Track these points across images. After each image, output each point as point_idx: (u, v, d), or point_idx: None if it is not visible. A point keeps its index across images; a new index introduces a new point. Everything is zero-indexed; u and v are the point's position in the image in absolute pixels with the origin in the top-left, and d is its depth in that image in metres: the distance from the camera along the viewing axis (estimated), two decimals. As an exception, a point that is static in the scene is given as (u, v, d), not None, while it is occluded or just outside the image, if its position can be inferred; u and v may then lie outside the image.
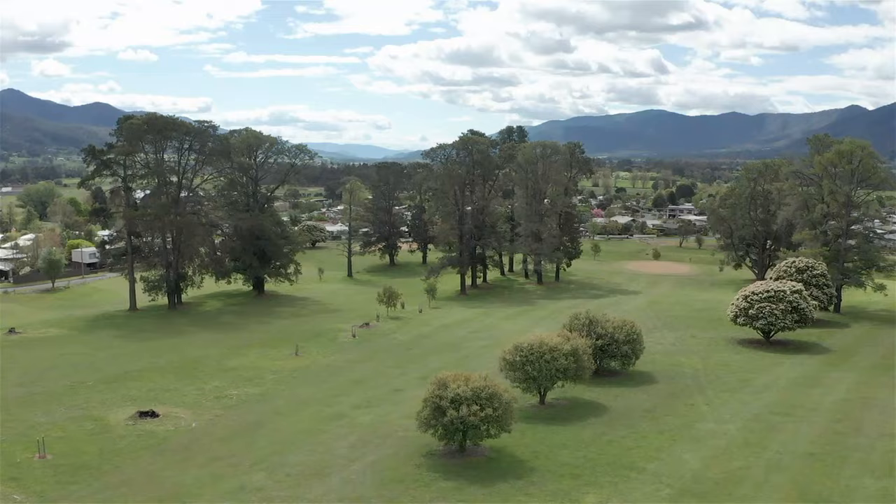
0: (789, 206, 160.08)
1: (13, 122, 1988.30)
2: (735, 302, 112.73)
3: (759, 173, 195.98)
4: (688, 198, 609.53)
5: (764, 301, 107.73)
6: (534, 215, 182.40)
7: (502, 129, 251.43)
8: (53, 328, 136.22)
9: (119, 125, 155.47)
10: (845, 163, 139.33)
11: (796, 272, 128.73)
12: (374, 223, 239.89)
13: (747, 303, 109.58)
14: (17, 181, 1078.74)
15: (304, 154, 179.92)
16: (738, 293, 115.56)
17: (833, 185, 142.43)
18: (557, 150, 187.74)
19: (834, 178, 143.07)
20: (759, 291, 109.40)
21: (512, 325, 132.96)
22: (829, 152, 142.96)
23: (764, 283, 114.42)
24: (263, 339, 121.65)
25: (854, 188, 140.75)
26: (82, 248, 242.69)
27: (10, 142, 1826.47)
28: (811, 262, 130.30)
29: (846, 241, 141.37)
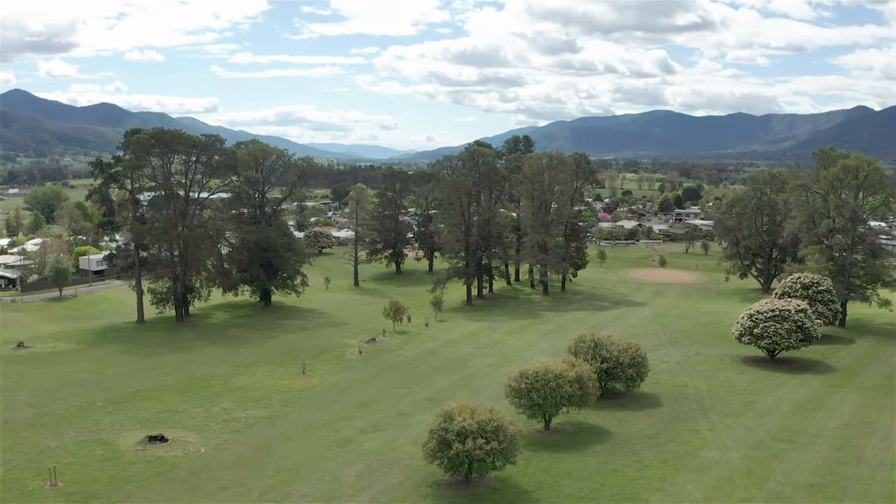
0: (795, 220, 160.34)
1: (20, 123, 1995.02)
2: (740, 321, 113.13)
3: (765, 183, 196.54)
4: (694, 201, 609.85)
5: (769, 320, 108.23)
6: (540, 226, 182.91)
7: (508, 139, 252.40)
8: (62, 342, 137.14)
9: (126, 139, 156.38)
10: (851, 178, 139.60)
11: (802, 288, 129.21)
12: (380, 231, 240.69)
13: (752, 322, 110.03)
14: (24, 182, 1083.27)
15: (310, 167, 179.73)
16: (743, 312, 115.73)
17: (839, 200, 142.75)
18: (563, 161, 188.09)
19: (839, 193, 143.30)
20: (763, 311, 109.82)
21: (518, 340, 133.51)
22: (836, 167, 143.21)
23: (769, 301, 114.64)
24: (270, 356, 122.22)
25: (860, 203, 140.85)
26: (90, 256, 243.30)
27: (16, 142, 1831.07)
28: (816, 278, 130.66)
29: (851, 256, 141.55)
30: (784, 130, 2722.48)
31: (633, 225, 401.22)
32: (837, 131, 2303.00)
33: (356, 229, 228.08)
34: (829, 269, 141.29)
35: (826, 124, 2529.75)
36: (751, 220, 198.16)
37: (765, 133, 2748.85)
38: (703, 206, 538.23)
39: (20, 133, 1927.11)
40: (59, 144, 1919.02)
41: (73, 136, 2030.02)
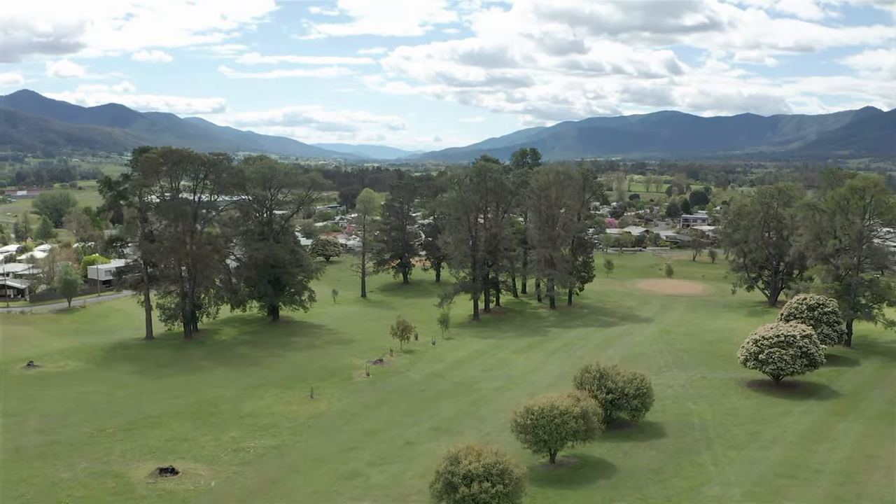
0: (802, 238, 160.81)
1: (28, 123, 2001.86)
2: (745, 345, 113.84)
3: (772, 197, 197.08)
4: (701, 205, 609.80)
5: (774, 346, 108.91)
6: (547, 241, 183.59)
7: (515, 153, 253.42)
8: (71, 360, 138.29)
9: (135, 157, 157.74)
10: (858, 199, 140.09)
11: (807, 309, 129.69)
12: (387, 242, 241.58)
13: (757, 347, 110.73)
14: (32, 183, 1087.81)
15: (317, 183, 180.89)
16: (748, 336, 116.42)
17: (845, 220, 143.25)
18: (570, 176, 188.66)
19: (846, 213, 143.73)
20: (769, 336, 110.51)
21: (524, 360, 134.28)
22: (843, 187, 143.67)
23: (774, 326, 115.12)
24: (278, 378, 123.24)
25: (866, 224, 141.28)
26: (98, 265, 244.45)
27: (24, 143, 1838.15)
28: (822, 300, 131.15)
29: (858, 276, 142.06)
30: (792, 131, 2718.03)
31: (641, 231, 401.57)
32: (845, 132, 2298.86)
33: (363, 239, 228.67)
34: (834, 289, 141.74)
35: (834, 125, 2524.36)
36: (757, 234, 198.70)
37: (773, 134, 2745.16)
38: (710, 211, 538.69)
39: (28, 133, 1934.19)
40: (68, 145, 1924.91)
41: (82, 137, 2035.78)
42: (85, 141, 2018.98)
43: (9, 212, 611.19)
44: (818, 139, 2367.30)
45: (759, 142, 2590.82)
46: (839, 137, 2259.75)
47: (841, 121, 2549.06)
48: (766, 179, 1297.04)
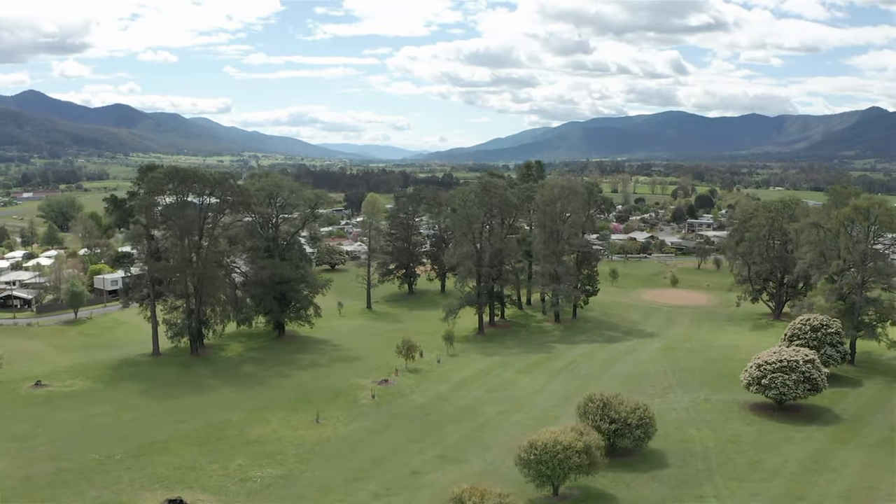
0: (806, 256, 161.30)
1: (34, 124, 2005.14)
2: (748, 369, 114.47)
3: (777, 212, 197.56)
4: (707, 208, 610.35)
5: (777, 371, 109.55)
6: (551, 255, 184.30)
7: (521, 165, 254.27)
8: (79, 378, 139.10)
9: (141, 175, 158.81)
10: (862, 219, 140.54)
11: (811, 330, 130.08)
12: (392, 252, 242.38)
13: (760, 371, 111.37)
14: (39, 185, 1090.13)
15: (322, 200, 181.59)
16: (751, 359, 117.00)
17: (849, 240, 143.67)
18: (575, 191, 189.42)
19: (850, 233, 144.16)
20: (772, 361, 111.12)
21: (529, 381, 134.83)
22: (847, 207, 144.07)
23: (777, 351, 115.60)
24: (285, 400, 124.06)
25: (870, 245, 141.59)
26: (104, 276, 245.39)
27: (30, 143, 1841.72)
28: (826, 321, 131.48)
29: (861, 296, 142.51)
30: (798, 131, 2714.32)
31: (646, 237, 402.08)
32: (851, 132, 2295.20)
33: (369, 251, 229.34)
34: (838, 309, 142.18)
35: (840, 125, 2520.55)
36: (762, 247, 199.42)
37: (778, 134, 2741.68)
38: (715, 215, 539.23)
39: (34, 134, 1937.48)
40: (73, 145, 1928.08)
41: (87, 137, 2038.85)
42: (91, 141, 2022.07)
43: (15, 215, 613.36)
44: (824, 139, 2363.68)
45: (765, 142, 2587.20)
46: (845, 138, 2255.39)
47: (846, 121, 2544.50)
48: (772, 181, 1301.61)
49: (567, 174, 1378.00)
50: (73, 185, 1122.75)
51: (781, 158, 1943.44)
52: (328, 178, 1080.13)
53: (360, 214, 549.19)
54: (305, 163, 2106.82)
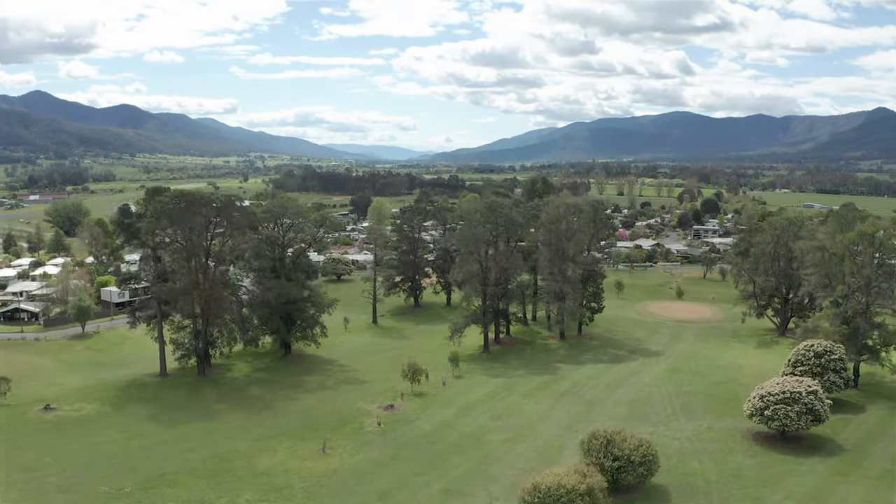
0: (811, 278, 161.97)
1: (40, 125, 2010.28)
2: (751, 400, 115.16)
3: (782, 229, 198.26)
4: (713, 213, 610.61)
5: (779, 403, 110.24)
6: (557, 273, 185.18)
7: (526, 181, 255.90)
8: (87, 401, 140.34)
9: (147, 197, 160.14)
10: (867, 244, 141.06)
11: (814, 356, 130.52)
12: (398, 266, 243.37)
13: (763, 403, 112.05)
14: (45, 186, 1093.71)
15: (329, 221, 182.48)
16: (754, 391, 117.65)
17: (854, 265, 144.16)
18: (581, 209, 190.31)
19: (855, 257, 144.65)
20: (775, 392, 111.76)
21: (533, 406, 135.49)
22: (852, 232, 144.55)
23: (780, 382, 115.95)
24: (291, 427, 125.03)
25: (875, 270, 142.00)
26: (111, 288, 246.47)
27: (37, 144, 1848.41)
28: (829, 346, 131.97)
29: (866, 321, 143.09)
30: (804, 132, 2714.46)
31: (651, 245, 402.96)
32: (858, 133, 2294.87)
33: (374, 266, 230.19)
34: (841, 333, 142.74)
35: (846, 126, 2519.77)
36: (768, 264, 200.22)
37: (784, 135, 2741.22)
38: (721, 221, 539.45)
39: (40, 135, 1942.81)
40: (80, 146, 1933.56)
41: (94, 138, 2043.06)
42: (97, 142, 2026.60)
43: (21, 218, 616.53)
44: (830, 140, 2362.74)
45: (771, 143, 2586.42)
46: (851, 139, 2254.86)
47: (853, 122, 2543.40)
48: (778, 183, 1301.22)
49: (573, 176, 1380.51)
50: (79, 186, 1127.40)
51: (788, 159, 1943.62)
52: (334, 180, 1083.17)
53: (367, 219, 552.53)
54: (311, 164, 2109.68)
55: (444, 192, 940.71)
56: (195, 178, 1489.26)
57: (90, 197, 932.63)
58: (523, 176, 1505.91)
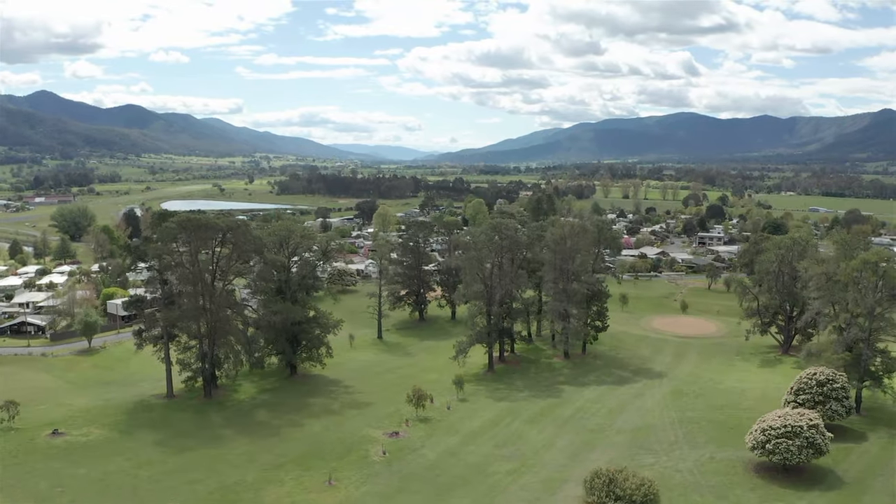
0: (814, 304, 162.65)
1: (46, 125, 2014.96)
2: (753, 433, 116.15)
3: (786, 248, 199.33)
4: (718, 219, 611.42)
5: (781, 437, 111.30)
6: (561, 293, 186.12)
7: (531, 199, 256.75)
8: (95, 426, 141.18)
9: (154, 221, 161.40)
10: (870, 273, 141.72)
11: (817, 385, 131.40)
12: (403, 281, 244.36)
13: (765, 436, 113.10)
14: (51, 187, 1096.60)
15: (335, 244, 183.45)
16: (756, 423, 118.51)
17: (857, 293, 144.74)
18: (585, 229, 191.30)
19: (858, 285, 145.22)
20: (776, 426, 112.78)
21: (537, 434, 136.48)
22: (856, 260, 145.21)
23: (782, 415, 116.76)
24: (297, 455, 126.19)
25: (878, 299, 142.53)
26: (117, 300, 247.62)
27: (42, 144, 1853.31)
28: (831, 375, 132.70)
29: (869, 348, 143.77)
30: (809, 133, 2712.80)
31: (656, 253, 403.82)
32: (863, 134, 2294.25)
33: (379, 282, 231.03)
34: (844, 360, 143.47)
35: (852, 127, 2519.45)
36: (772, 283, 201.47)
37: (790, 136, 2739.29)
38: (726, 227, 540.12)
39: (46, 135, 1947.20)
40: (85, 146, 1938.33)
41: (99, 138, 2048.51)
42: (103, 142, 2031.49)
43: (27, 222, 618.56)
44: (836, 141, 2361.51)
45: (777, 144, 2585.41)
46: (857, 140, 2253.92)
47: (858, 123, 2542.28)
48: (784, 185, 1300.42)
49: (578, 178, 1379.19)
50: (84, 187, 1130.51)
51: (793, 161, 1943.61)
52: (339, 182, 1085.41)
53: (372, 225, 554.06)
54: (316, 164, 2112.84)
55: (448, 194, 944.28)
56: (200, 178, 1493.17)
57: (95, 199, 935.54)
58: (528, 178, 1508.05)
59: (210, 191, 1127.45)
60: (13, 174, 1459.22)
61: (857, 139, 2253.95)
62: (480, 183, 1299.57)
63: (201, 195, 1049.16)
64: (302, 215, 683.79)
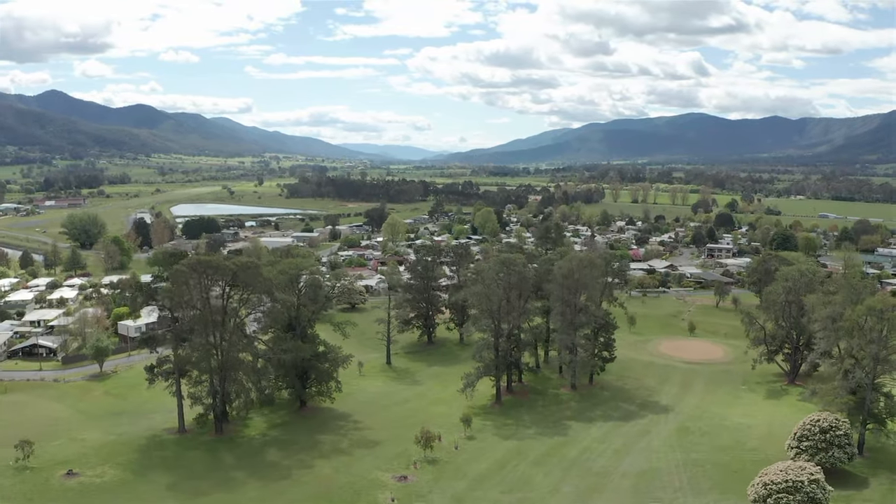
0: (820, 344, 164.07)
1: (56, 125, 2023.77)
2: (755, 486, 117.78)
3: (794, 281, 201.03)
4: (727, 227, 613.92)
5: (782, 492, 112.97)
6: (568, 326, 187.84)
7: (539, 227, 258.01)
8: (109, 466, 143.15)
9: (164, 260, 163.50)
10: (875, 320, 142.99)
11: (820, 432, 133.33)
12: (412, 303, 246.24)
13: (766, 490, 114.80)
14: (61, 189, 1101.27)
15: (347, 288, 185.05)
16: (758, 476, 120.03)
17: (862, 338, 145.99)
18: (593, 264, 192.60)
19: (863, 331, 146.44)
20: (778, 481, 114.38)
21: (543, 477, 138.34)
22: (861, 307, 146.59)
23: (784, 469, 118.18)
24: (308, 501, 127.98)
25: (882, 345, 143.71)
26: (128, 322, 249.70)
27: (52, 144, 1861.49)
28: (834, 422, 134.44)
29: (872, 392, 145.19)
30: (819, 135, 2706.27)
31: (665, 267, 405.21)
32: (874, 136, 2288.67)
33: (388, 308, 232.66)
34: (848, 404, 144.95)
35: (862, 128, 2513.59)
36: (779, 313, 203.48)
37: (800, 137, 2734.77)
38: (735, 238, 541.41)
39: (56, 135, 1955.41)
40: (95, 146, 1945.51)
41: (109, 138, 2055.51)
42: (112, 142, 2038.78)
43: (38, 227, 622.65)
44: (846, 143, 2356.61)
45: (786, 145, 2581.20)
46: (867, 142, 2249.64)
47: (869, 124, 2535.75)
48: (793, 189, 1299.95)
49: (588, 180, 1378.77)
50: (94, 189, 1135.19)
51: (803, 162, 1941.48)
52: (348, 186, 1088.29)
53: (381, 233, 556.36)
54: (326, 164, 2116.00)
55: (457, 199, 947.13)
56: (210, 179, 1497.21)
57: (105, 202, 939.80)
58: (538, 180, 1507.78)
59: (220, 193, 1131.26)
60: (23, 174, 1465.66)
61: (866, 140, 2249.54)
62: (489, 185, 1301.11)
63: (211, 198, 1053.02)
64: (311, 221, 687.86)
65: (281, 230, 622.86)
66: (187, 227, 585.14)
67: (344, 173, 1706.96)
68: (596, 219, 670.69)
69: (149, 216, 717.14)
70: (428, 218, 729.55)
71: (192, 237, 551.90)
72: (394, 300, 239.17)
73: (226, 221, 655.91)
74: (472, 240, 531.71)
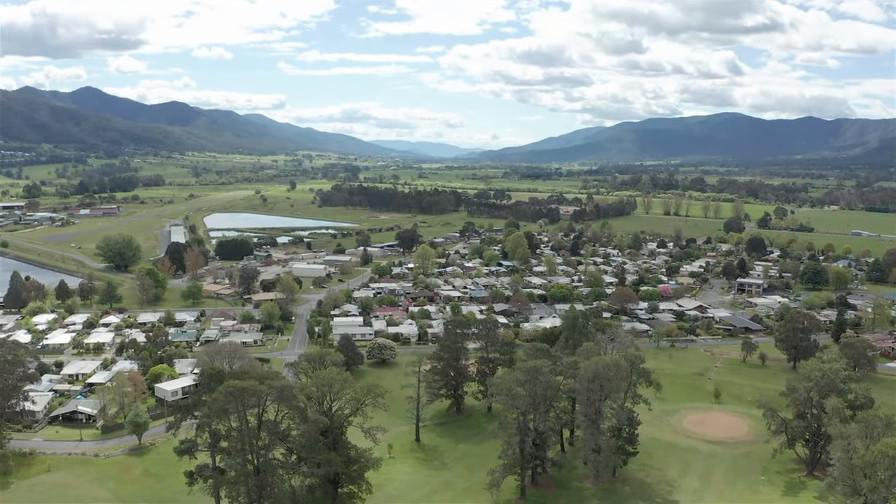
0: (836, 465, 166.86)
1: (90, 122, 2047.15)
2: None
3: (815, 381, 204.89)
4: (760, 252, 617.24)
5: None
6: (592, 426, 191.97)
7: (567, 317, 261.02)
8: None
9: (204, 382, 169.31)
10: (887, 464, 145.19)
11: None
12: (441, 374, 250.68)
13: None
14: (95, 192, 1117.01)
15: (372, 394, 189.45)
16: None
17: (875, 478, 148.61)
18: (618, 366, 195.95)
19: (875, 467, 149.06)
20: None
21: None
22: (873, 451, 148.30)
23: None
24: None
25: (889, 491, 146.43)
26: (164, 385, 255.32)
27: (87, 142, 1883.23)
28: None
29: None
30: (854, 136, 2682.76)
31: (694, 309, 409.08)
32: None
33: (417, 387, 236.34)
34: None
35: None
36: (801, 408, 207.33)
37: (834, 139, 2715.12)
38: (766, 271, 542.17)
39: (90, 132, 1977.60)
40: (129, 144, 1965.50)
41: (143, 136, 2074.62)
42: (146, 140, 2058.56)
43: (73, 243, 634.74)
44: (880, 145, 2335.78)
45: (821, 147, 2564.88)
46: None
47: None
48: (827, 199, 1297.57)
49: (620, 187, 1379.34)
50: (129, 193, 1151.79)
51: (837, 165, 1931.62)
52: (380, 196, 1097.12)
53: (412, 258, 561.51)
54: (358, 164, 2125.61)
55: (489, 211, 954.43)
56: (243, 182, 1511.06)
57: (139, 210, 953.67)
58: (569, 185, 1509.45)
59: (252, 199, 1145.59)
60: (58, 174, 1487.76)
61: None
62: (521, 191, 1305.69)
63: (244, 205, 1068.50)
64: (343, 238, 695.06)
65: (313, 250, 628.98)
66: (220, 248, 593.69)
67: (376, 174, 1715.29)
68: (626, 241, 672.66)
69: (182, 229, 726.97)
70: (459, 236, 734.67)
71: (225, 258, 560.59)
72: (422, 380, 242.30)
73: (258, 240, 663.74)
74: (503, 267, 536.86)
